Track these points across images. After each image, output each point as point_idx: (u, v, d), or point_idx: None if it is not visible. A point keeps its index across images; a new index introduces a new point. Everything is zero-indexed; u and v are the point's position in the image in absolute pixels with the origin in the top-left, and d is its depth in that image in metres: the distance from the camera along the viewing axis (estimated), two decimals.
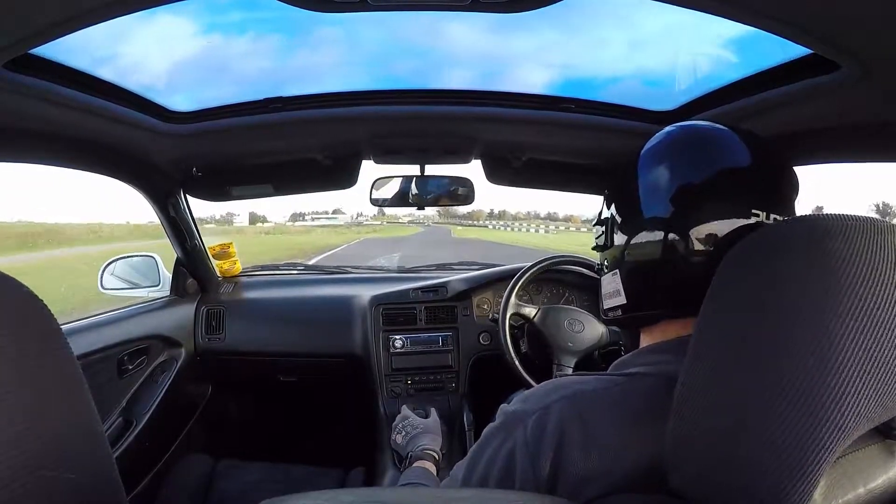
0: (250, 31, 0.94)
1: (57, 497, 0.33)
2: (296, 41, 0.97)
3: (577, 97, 1.03)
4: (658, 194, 0.48)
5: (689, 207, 0.46)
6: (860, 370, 0.30)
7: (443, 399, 1.42)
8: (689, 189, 0.46)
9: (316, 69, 1.03)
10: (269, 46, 0.98)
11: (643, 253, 0.49)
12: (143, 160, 1.12)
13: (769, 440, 0.30)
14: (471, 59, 1.03)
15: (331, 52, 0.99)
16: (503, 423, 0.50)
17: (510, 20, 0.72)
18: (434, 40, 0.96)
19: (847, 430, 0.30)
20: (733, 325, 0.34)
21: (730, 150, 0.48)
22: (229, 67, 1.01)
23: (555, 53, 1.01)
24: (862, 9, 0.47)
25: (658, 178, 0.49)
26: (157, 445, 1.37)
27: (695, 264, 0.45)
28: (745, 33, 0.62)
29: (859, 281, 0.30)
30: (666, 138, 0.51)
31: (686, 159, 0.48)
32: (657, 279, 0.48)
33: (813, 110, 0.72)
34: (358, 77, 1.04)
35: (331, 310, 1.56)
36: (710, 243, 0.45)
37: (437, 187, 1.32)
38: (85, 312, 1.25)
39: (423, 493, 0.46)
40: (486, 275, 1.55)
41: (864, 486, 0.37)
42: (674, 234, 0.46)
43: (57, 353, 0.36)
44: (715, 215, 0.45)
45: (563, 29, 0.90)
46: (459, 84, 1.04)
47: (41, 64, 0.69)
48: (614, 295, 0.53)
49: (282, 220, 72.32)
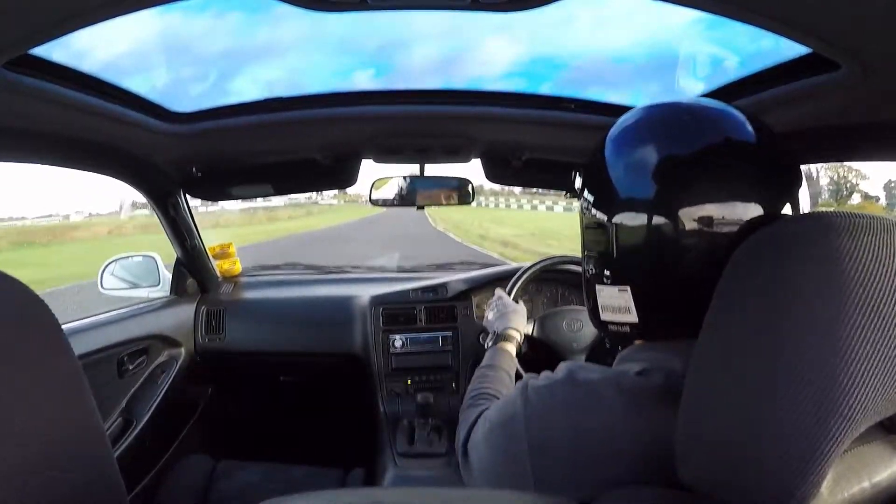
0: (251, 31, 0.94)
1: (57, 496, 0.33)
2: (296, 41, 0.97)
3: (576, 97, 1.03)
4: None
5: (678, 187, 0.43)
6: (868, 364, 0.30)
7: (443, 399, 1.42)
8: (678, 163, 0.44)
9: (316, 69, 1.03)
10: (270, 46, 0.98)
11: (646, 256, 0.46)
12: (143, 160, 1.12)
13: (778, 433, 0.31)
14: (471, 58, 1.03)
15: (331, 52, 0.99)
16: (512, 395, 0.53)
17: (510, 20, 0.72)
18: (434, 40, 0.96)
19: (855, 423, 0.30)
20: (742, 318, 0.34)
21: (727, 123, 0.45)
22: (229, 67, 1.01)
23: (554, 53, 1.02)
24: (862, 8, 0.47)
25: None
26: (157, 445, 1.37)
27: (696, 266, 0.43)
28: (745, 32, 0.62)
29: (867, 277, 0.31)
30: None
31: (674, 133, 0.45)
32: (672, 292, 0.45)
33: (813, 110, 0.72)
34: (358, 77, 1.04)
35: (331, 310, 1.55)
36: (707, 231, 0.43)
37: (437, 187, 1.32)
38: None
39: (423, 493, 0.46)
40: (486, 275, 1.55)
41: (868, 481, 0.37)
42: (664, 222, 0.44)
43: (58, 352, 0.36)
44: (710, 197, 0.43)
45: (562, 29, 0.90)
46: (459, 84, 1.04)
47: (41, 64, 0.69)
48: (622, 311, 0.50)
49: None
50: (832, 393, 0.30)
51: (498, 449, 0.52)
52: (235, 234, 8.43)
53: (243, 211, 20.08)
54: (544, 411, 0.48)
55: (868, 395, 0.30)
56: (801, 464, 0.30)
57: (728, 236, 0.42)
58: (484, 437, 0.55)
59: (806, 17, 0.51)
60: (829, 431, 0.30)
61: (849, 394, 0.30)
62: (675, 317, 0.46)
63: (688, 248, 0.44)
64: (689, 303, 0.42)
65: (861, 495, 0.37)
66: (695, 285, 0.41)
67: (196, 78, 1.02)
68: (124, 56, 0.85)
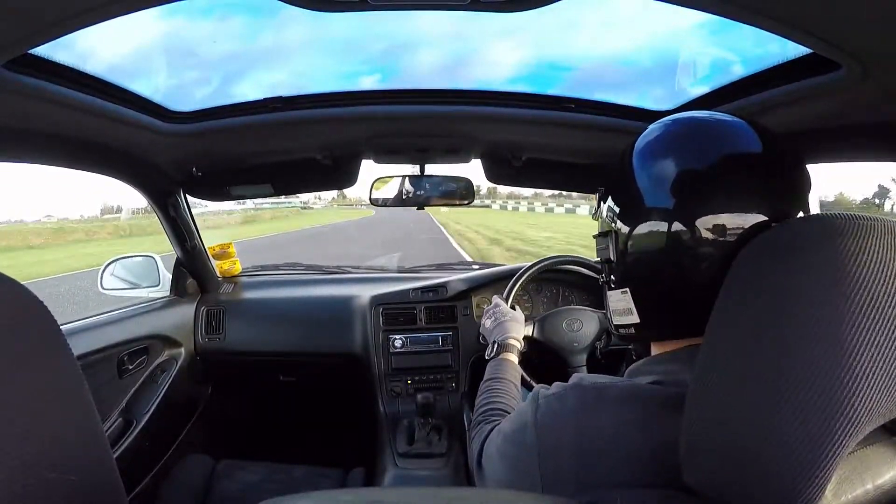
0: (251, 30, 0.94)
1: (57, 497, 0.33)
2: (296, 41, 0.97)
3: (577, 97, 1.03)
4: (662, 185, 0.46)
5: (694, 197, 0.44)
6: (872, 366, 0.30)
7: (443, 399, 1.42)
8: (694, 177, 0.45)
9: (316, 68, 1.03)
10: (270, 46, 0.98)
11: (652, 262, 0.47)
12: (143, 160, 1.12)
13: (783, 436, 0.31)
14: (470, 58, 1.03)
15: (331, 52, 0.99)
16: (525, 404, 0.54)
17: (510, 20, 0.72)
18: (434, 39, 0.96)
19: (859, 425, 0.30)
20: (746, 321, 0.34)
21: (739, 137, 0.46)
22: (230, 67, 1.01)
23: (554, 53, 1.02)
24: (862, 9, 0.47)
25: (663, 168, 0.47)
26: (157, 445, 1.37)
27: (704, 272, 0.44)
28: (746, 33, 0.62)
29: (870, 279, 0.31)
30: (671, 126, 0.49)
31: (692, 147, 0.46)
32: (671, 293, 0.47)
33: (813, 110, 0.72)
34: (358, 76, 1.04)
35: (331, 310, 1.56)
36: (720, 240, 0.43)
37: (437, 187, 1.32)
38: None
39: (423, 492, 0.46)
40: (486, 275, 1.55)
41: (872, 483, 0.38)
42: (682, 230, 0.44)
43: (57, 353, 0.36)
44: (723, 207, 0.43)
45: (562, 28, 0.90)
46: (459, 84, 1.04)
47: (41, 64, 0.69)
48: (626, 313, 0.52)
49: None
50: (837, 395, 0.30)
51: (509, 458, 0.53)
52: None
53: (216, 214, 19.94)
54: (553, 418, 0.48)
55: (873, 396, 0.30)
56: (807, 467, 0.30)
57: (735, 242, 0.43)
58: (497, 448, 0.57)
59: (806, 17, 0.51)
60: (834, 434, 0.30)
61: (854, 396, 0.30)
62: (680, 318, 0.47)
63: (703, 256, 0.44)
64: (698, 304, 0.42)
65: (864, 497, 0.37)
66: (705, 289, 0.42)
67: (196, 78, 1.02)
68: (124, 56, 0.85)
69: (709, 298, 0.38)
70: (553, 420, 0.48)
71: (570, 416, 0.47)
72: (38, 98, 0.72)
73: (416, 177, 1.30)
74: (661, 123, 0.50)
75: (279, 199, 19.58)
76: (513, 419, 0.56)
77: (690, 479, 0.36)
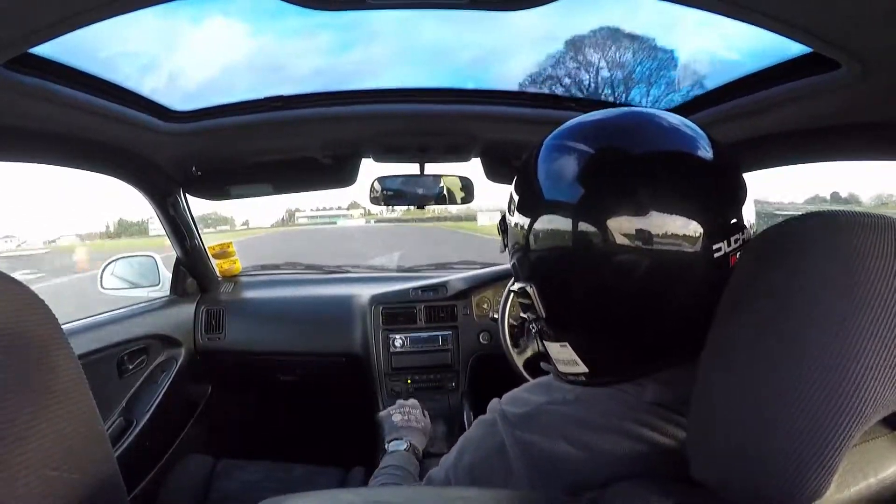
0: (250, 29, 0.94)
1: (59, 496, 0.33)
2: (295, 40, 0.97)
3: (577, 96, 1.03)
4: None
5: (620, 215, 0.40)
6: (877, 359, 0.30)
7: (443, 398, 1.42)
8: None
9: (316, 68, 1.03)
10: (269, 45, 0.98)
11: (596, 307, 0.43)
12: (143, 159, 1.12)
13: (789, 429, 0.31)
14: (470, 57, 1.03)
15: (330, 51, 0.99)
16: (492, 418, 0.52)
17: (509, 18, 0.72)
18: (434, 39, 0.96)
19: (865, 417, 0.31)
20: (752, 316, 0.35)
21: (687, 139, 0.43)
22: (230, 66, 1.01)
23: (553, 52, 1.01)
24: (862, 8, 0.48)
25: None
26: (157, 445, 1.37)
27: (651, 300, 0.41)
28: (746, 32, 0.62)
29: (873, 273, 0.31)
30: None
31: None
32: (623, 335, 0.43)
33: (813, 109, 0.72)
34: (357, 76, 1.04)
35: (330, 309, 1.55)
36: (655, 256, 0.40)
37: (437, 186, 1.32)
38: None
39: (423, 492, 0.46)
40: (486, 274, 1.55)
41: (874, 476, 0.38)
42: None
43: (58, 352, 0.36)
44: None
45: (561, 27, 0.90)
46: (459, 83, 1.04)
47: (41, 63, 0.69)
48: (571, 364, 0.48)
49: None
50: (842, 389, 0.30)
51: (483, 454, 0.51)
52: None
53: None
54: (521, 417, 0.49)
55: (878, 390, 0.30)
56: (814, 459, 0.31)
57: (677, 254, 0.40)
58: (470, 459, 0.53)
59: (806, 16, 0.51)
60: (840, 427, 0.30)
61: (859, 389, 0.30)
62: (637, 355, 0.45)
63: (640, 280, 0.41)
64: (650, 337, 0.42)
65: (867, 491, 0.37)
66: (658, 320, 0.41)
67: (196, 77, 1.01)
68: (125, 55, 0.85)
69: (664, 327, 0.37)
70: (522, 417, 0.49)
71: (540, 411, 0.48)
72: (38, 97, 0.72)
73: (416, 176, 1.30)
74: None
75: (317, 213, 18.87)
76: (478, 424, 0.55)
77: (697, 472, 0.36)
